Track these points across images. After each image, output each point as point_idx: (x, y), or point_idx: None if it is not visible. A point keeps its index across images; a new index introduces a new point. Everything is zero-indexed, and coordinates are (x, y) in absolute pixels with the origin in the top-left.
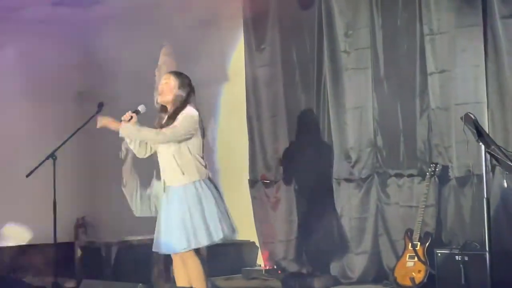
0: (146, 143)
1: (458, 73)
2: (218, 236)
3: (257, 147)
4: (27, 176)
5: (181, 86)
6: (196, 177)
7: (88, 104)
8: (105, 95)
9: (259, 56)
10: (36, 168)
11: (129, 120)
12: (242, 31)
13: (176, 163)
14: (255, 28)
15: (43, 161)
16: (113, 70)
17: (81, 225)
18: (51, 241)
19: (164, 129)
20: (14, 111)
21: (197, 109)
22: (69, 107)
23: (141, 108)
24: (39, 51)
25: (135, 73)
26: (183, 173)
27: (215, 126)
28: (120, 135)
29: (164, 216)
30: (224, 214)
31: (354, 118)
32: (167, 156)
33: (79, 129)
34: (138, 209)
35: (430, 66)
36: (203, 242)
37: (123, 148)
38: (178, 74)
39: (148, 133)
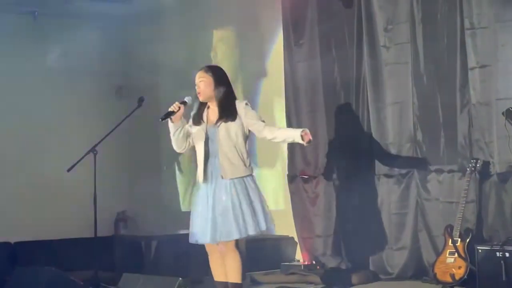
0: (188, 137)
1: (499, 68)
2: (262, 227)
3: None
4: (68, 170)
5: (219, 80)
6: (252, 171)
7: (128, 99)
8: (145, 90)
9: (298, 51)
10: (77, 162)
11: (177, 111)
12: (281, 26)
13: (239, 156)
14: (294, 23)
15: (84, 156)
16: (153, 64)
17: (121, 219)
18: (92, 234)
19: (262, 124)
20: (54, 106)
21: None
22: (110, 102)
23: (187, 99)
24: (79, 45)
25: (175, 66)
26: (246, 165)
27: None
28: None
29: (208, 207)
30: (265, 207)
31: (394, 113)
32: (229, 149)
33: (120, 123)
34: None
35: (471, 61)
36: (251, 231)
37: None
38: (212, 70)
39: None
